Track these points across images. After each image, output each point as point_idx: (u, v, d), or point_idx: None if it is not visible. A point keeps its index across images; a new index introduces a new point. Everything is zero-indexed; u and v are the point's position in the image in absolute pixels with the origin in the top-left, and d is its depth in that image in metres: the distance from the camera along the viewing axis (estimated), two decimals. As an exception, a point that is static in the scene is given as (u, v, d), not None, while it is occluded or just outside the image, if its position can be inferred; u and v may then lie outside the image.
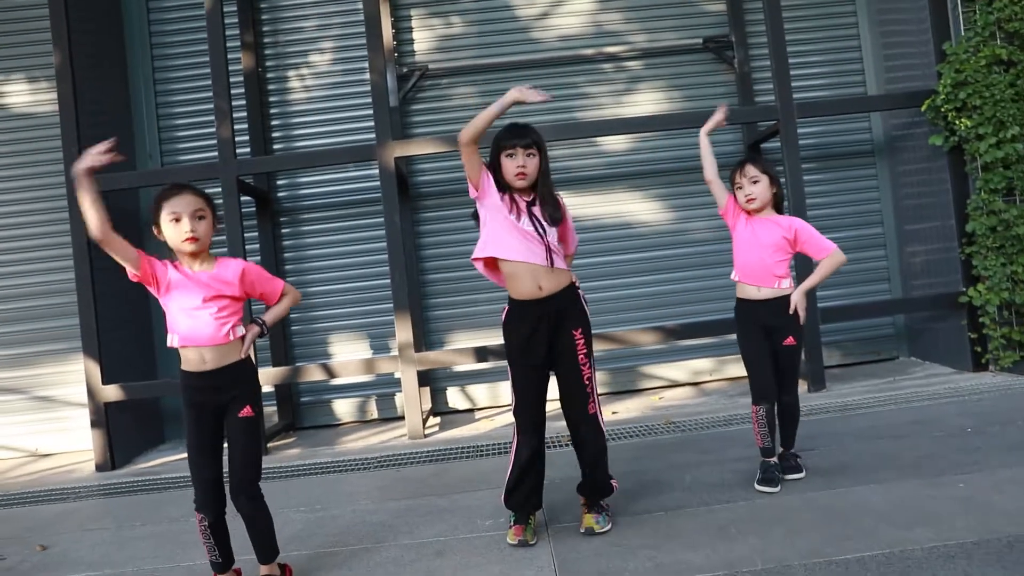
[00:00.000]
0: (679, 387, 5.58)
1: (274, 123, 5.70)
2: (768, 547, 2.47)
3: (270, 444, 4.87)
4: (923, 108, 4.88)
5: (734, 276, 3.16)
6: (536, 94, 2.53)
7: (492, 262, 2.75)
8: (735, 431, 4.05)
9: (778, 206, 3.12)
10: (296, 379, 4.90)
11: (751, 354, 3.11)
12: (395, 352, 4.95)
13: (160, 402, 5.38)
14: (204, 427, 2.39)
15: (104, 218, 2.21)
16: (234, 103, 4.92)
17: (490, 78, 5.71)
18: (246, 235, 4.89)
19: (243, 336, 2.44)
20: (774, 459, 3.11)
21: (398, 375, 4.83)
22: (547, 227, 2.67)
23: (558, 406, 2.80)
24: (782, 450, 3.23)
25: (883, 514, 2.65)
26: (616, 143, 5.70)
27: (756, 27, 5.66)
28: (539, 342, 2.68)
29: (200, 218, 2.35)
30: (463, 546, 2.77)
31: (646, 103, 5.75)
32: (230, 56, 4.92)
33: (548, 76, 5.71)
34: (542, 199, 2.70)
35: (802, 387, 4.04)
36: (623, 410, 4.95)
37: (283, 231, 5.65)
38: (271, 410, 5.38)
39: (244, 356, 2.44)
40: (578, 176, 5.66)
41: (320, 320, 5.60)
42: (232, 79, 4.93)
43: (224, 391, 2.39)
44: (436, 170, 5.65)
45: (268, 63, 5.71)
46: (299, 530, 3.12)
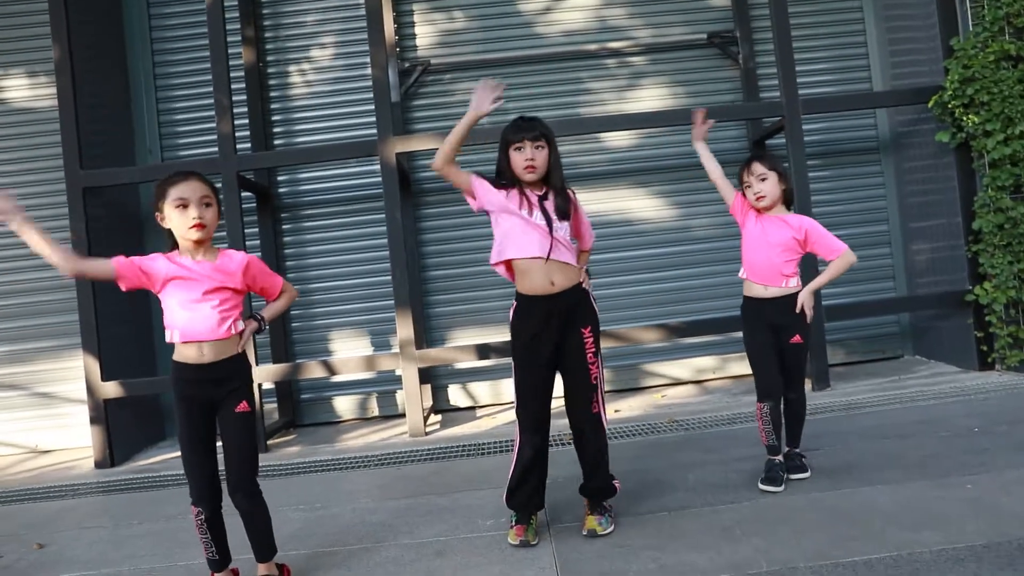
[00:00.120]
0: (682, 385, 5.55)
1: (275, 118, 5.67)
2: (773, 548, 2.44)
3: (270, 441, 4.85)
4: (930, 104, 4.83)
5: (742, 274, 3.12)
6: (488, 100, 2.49)
7: (509, 262, 2.71)
8: (739, 430, 4.01)
9: (788, 202, 3.08)
10: (296, 376, 4.88)
11: (757, 352, 3.08)
12: (396, 349, 4.91)
13: (160, 399, 5.35)
14: (198, 422, 2.35)
15: (64, 252, 2.23)
16: (235, 98, 4.89)
17: (493, 73, 5.66)
18: (246, 231, 4.85)
19: (242, 331, 2.41)
20: (779, 457, 3.08)
21: (399, 372, 4.80)
22: (557, 222, 2.62)
23: (559, 404, 2.76)
24: (788, 449, 3.19)
25: (890, 515, 2.62)
26: (620, 139, 5.66)
27: (761, 22, 5.61)
28: (548, 339, 2.64)
29: (207, 205, 2.31)
30: (464, 546, 2.73)
31: (650, 99, 5.70)
32: (231, 51, 4.88)
33: (551, 71, 5.67)
34: (554, 192, 2.66)
35: (806, 386, 4.00)
36: (626, 408, 4.91)
37: (284, 227, 5.62)
38: (271, 407, 5.35)
39: (241, 350, 2.41)
40: (582, 172, 5.61)
41: (321, 317, 5.57)
42: (233, 74, 4.90)
43: (221, 385, 2.36)
44: (438, 166, 5.61)
45: (269, 58, 5.67)
46: (298, 529, 3.09)
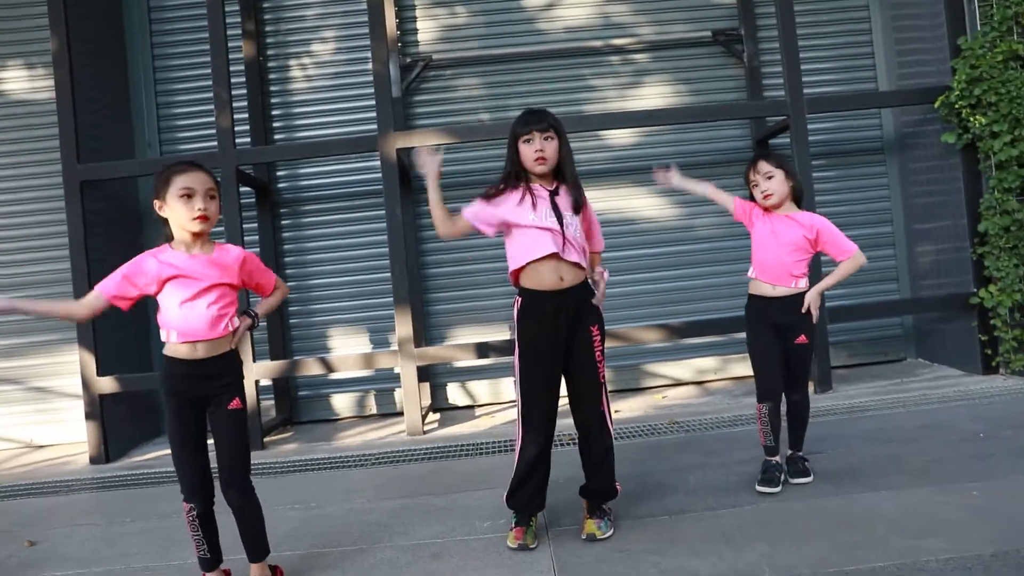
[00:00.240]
0: (683, 386, 5.50)
1: (275, 112, 5.62)
2: (776, 555, 2.39)
3: (267, 438, 4.80)
4: (936, 104, 4.77)
5: (751, 272, 3.07)
6: (431, 162, 2.67)
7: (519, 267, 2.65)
8: (740, 432, 3.97)
9: (798, 199, 3.03)
10: (294, 373, 4.84)
11: (759, 352, 3.04)
12: (395, 347, 4.87)
13: (156, 394, 5.27)
14: (188, 418, 2.31)
15: (65, 307, 2.30)
16: (234, 92, 4.84)
17: (495, 69, 5.62)
18: (245, 226, 4.82)
19: (236, 328, 2.37)
20: (776, 458, 3.04)
21: (398, 370, 4.76)
22: (568, 218, 2.57)
23: (562, 403, 2.70)
24: (790, 452, 3.15)
25: (894, 522, 2.57)
26: (623, 137, 5.61)
27: (766, 20, 5.55)
28: (557, 336, 2.58)
29: (211, 198, 2.28)
30: (461, 548, 2.69)
31: (653, 96, 5.65)
32: (231, 44, 4.83)
33: (554, 68, 5.62)
34: (567, 186, 2.62)
35: (808, 388, 3.96)
36: (626, 409, 4.87)
37: (283, 222, 5.57)
38: (268, 404, 5.31)
39: (234, 347, 2.38)
40: (584, 170, 5.48)
41: (319, 313, 5.53)
42: (232, 68, 4.85)
43: (213, 381, 2.32)
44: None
45: (269, 52, 5.62)
46: (292, 528, 3.05)
